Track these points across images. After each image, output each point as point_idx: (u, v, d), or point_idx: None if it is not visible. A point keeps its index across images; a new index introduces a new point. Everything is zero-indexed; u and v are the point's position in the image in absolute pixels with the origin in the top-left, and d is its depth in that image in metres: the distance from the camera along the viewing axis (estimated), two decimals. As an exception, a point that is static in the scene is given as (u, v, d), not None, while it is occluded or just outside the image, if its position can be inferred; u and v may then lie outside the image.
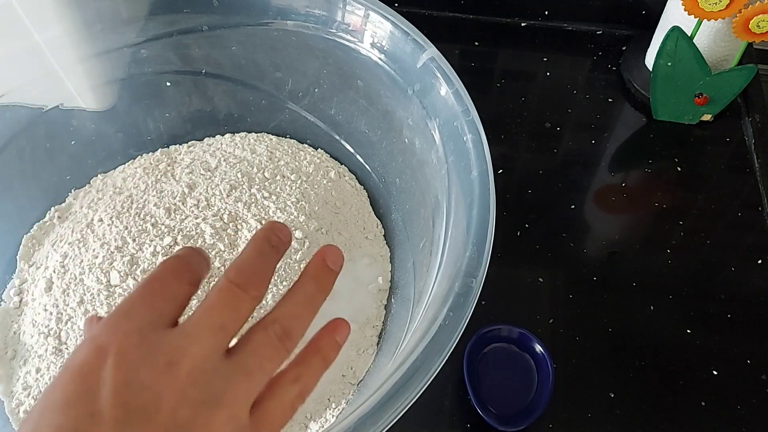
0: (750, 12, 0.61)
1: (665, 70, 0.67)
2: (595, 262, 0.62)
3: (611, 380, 0.56)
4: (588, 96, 0.75)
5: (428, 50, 0.50)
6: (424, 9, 0.81)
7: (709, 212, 0.67)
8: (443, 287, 0.41)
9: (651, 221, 0.66)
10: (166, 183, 0.62)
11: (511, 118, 0.73)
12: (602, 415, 0.54)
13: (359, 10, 0.53)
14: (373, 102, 0.58)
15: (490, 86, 0.76)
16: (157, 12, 0.59)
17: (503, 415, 0.52)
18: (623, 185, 0.68)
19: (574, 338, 0.58)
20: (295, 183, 0.62)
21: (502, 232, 0.61)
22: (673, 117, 0.72)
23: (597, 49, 0.79)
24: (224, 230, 0.58)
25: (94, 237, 0.58)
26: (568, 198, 0.67)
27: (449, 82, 0.48)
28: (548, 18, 0.80)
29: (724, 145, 0.71)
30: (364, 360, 0.53)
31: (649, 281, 0.61)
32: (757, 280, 0.62)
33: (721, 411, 0.54)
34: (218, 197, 0.60)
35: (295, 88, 0.63)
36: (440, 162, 0.48)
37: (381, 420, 0.35)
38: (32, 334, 0.54)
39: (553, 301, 0.60)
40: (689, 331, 0.59)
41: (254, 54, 0.62)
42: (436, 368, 0.37)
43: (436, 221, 0.49)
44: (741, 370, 0.56)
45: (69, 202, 0.63)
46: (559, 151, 0.70)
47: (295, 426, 0.50)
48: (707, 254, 0.64)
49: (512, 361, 0.55)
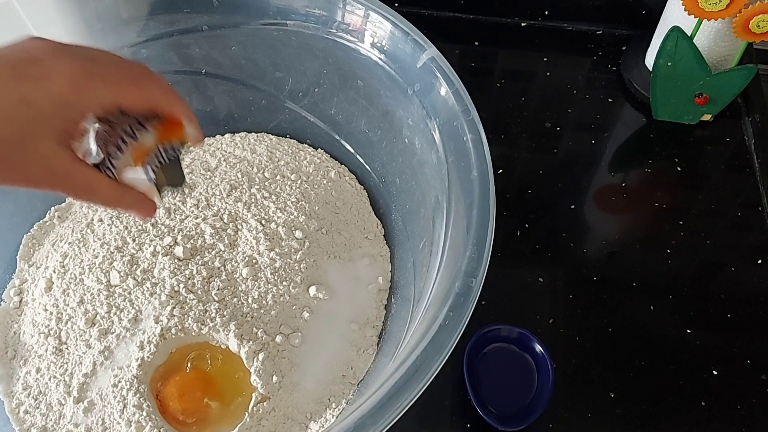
0: (750, 12, 0.61)
1: (665, 70, 0.67)
2: (595, 262, 0.62)
3: (611, 380, 0.56)
4: (588, 96, 0.75)
5: (428, 50, 0.50)
6: (424, 9, 0.81)
7: (709, 212, 0.67)
8: (443, 287, 0.41)
9: (651, 221, 0.66)
10: (166, 183, 0.62)
11: (511, 118, 0.73)
12: (602, 415, 0.54)
13: (359, 10, 0.53)
14: (373, 102, 0.58)
15: (490, 86, 0.76)
16: (157, 12, 0.59)
17: (503, 415, 0.52)
18: (623, 185, 0.68)
19: (574, 338, 0.58)
20: (295, 183, 0.62)
21: (502, 232, 0.61)
22: (673, 117, 0.72)
23: (597, 49, 0.79)
24: (224, 230, 0.58)
25: (94, 237, 0.58)
26: (568, 198, 0.67)
27: (449, 82, 0.48)
28: (548, 18, 0.80)
29: (724, 145, 0.71)
30: (364, 360, 0.53)
31: (649, 281, 0.61)
32: (757, 280, 0.62)
33: (721, 411, 0.54)
34: (218, 197, 0.60)
35: (295, 88, 0.63)
36: (440, 162, 0.48)
37: (381, 420, 0.35)
38: (32, 334, 0.54)
39: (553, 301, 0.60)
40: (689, 331, 0.59)
41: (254, 54, 0.62)
42: (436, 368, 0.37)
43: (436, 221, 0.49)
44: (741, 370, 0.56)
45: (69, 202, 0.63)
46: (559, 151, 0.70)
47: (295, 426, 0.50)
48: (707, 254, 0.64)
49: (512, 361, 0.55)
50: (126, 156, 0.36)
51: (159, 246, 0.56)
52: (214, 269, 0.55)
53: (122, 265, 0.55)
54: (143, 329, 0.52)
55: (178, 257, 0.56)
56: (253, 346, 0.51)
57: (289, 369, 0.51)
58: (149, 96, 0.34)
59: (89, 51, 0.32)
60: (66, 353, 0.52)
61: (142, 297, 0.54)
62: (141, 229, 0.58)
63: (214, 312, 0.53)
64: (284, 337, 0.52)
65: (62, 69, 0.30)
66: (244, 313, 0.53)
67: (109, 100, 0.32)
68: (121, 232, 0.58)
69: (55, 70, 0.30)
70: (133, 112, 0.35)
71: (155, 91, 0.34)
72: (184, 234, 0.57)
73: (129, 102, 0.34)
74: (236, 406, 0.51)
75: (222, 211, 0.59)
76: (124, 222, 0.59)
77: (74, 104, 0.31)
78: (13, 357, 0.54)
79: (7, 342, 0.55)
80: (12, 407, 0.52)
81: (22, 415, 0.51)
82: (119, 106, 0.33)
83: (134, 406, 0.49)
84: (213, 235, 0.57)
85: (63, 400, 0.51)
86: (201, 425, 0.50)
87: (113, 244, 0.57)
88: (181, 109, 0.36)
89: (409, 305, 0.52)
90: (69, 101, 0.30)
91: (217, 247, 0.56)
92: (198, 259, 0.56)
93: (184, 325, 0.52)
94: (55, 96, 0.30)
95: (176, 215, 0.59)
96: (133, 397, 0.49)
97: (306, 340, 0.53)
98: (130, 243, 0.57)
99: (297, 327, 0.53)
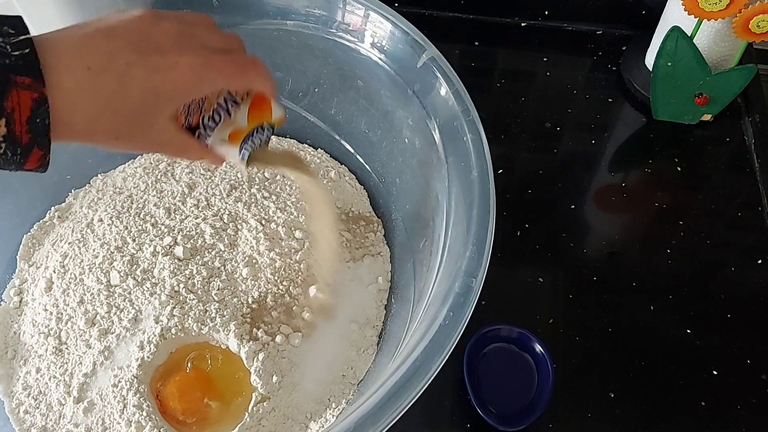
0: (750, 12, 0.61)
1: (665, 70, 0.67)
2: (595, 262, 0.62)
3: (611, 380, 0.56)
4: (588, 96, 0.75)
5: (428, 50, 0.50)
6: (424, 9, 0.81)
7: (709, 212, 0.67)
8: (443, 287, 0.41)
9: (651, 221, 0.66)
10: (166, 183, 0.62)
11: (511, 118, 0.73)
12: (602, 415, 0.54)
13: (359, 10, 0.53)
14: (373, 102, 0.58)
15: (490, 86, 0.76)
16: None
17: (503, 415, 0.52)
18: (623, 185, 0.68)
19: (574, 338, 0.58)
20: (295, 183, 0.62)
21: (502, 232, 0.61)
22: (673, 117, 0.72)
23: (597, 49, 0.79)
24: (224, 230, 0.58)
25: (94, 237, 0.58)
26: (568, 198, 0.67)
27: (449, 82, 0.48)
28: (548, 18, 0.80)
29: (724, 145, 0.71)
30: (364, 360, 0.53)
31: (649, 281, 0.61)
32: (757, 280, 0.62)
33: (721, 411, 0.54)
34: (218, 197, 0.60)
35: (295, 88, 0.63)
36: (440, 162, 0.48)
37: (381, 420, 0.35)
38: (32, 334, 0.54)
39: (553, 301, 0.60)
40: (689, 331, 0.59)
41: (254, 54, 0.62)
42: (436, 368, 0.37)
43: (436, 221, 0.49)
44: (741, 370, 0.56)
45: (69, 202, 0.63)
46: (559, 151, 0.70)
47: (295, 426, 0.50)
48: (707, 254, 0.64)
49: (512, 361, 0.55)
50: (221, 130, 0.40)
51: (159, 246, 0.56)
52: (214, 269, 0.55)
53: (122, 265, 0.55)
54: (143, 329, 0.52)
55: (178, 257, 0.56)
56: (253, 346, 0.51)
57: (289, 369, 0.51)
58: (251, 82, 0.40)
59: (202, 36, 0.37)
60: (66, 353, 0.52)
61: (142, 297, 0.54)
62: (141, 229, 0.58)
63: (214, 312, 0.53)
64: (284, 337, 0.52)
65: (186, 62, 0.35)
66: (244, 313, 0.53)
67: (220, 87, 0.39)
68: (121, 232, 0.58)
69: (179, 63, 0.34)
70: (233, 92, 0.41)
71: (256, 78, 0.39)
72: (184, 234, 0.57)
73: (234, 87, 0.40)
74: (236, 406, 0.51)
75: (222, 211, 0.59)
76: (124, 222, 0.59)
77: (192, 91, 0.36)
78: (13, 357, 0.54)
79: (7, 342, 0.55)
80: (12, 407, 0.52)
81: (22, 415, 0.51)
82: (226, 90, 0.40)
83: (134, 406, 0.49)
84: (213, 235, 0.57)
85: (63, 400, 0.51)
86: (201, 425, 0.50)
87: (113, 244, 0.57)
88: (271, 92, 0.41)
89: (409, 305, 0.52)
90: (188, 90, 0.36)
91: (217, 247, 0.56)
92: (198, 259, 0.56)
93: (184, 325, 0.52)
94: (178, 85, 0.35)
95: (176, 215, 0.59)
96: (133, 397, 0.49)
97: (306, 340, 0.53)
98: (130, 243, 0.57)
99: (297, 327, 0.53)
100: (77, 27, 0.33)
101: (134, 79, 0.33)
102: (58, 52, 0.31)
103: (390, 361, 0.47)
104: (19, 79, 0.30)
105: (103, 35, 0.33)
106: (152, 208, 0.60)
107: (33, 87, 0.30)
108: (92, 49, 0.32)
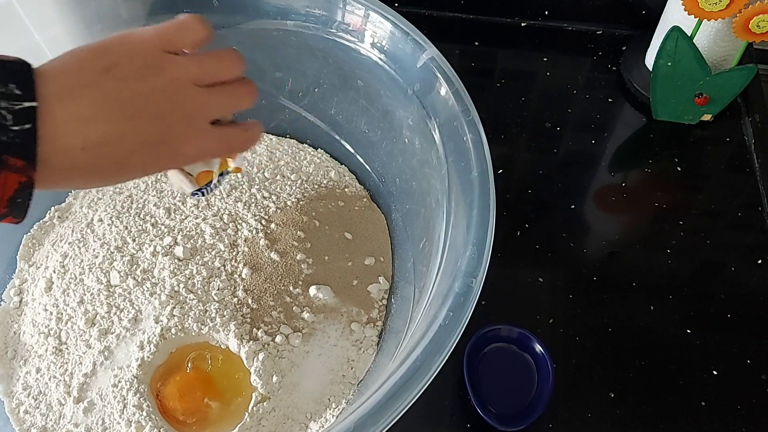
0: (750, 12, 0.61)
1: (665, 70, 0.67)
2: (595, 262, 0.62)
3: (611, 380, 0.56)
4: (588, 96, 0.75)
5: (428, 50, 0.50)
6: (424, 9, 0.81)
7: (709, 212, 0.67)
8: (443, 287, 0.41)
9: (651, 221, 0.66)
10: (166, 183, 0.62)
11: (511, 118, 0.73)
12: (602, 415, 0.54)
13: (359, 10, 0.53)
14: (373, 102, 0.58)
15: (490, 86, 0.76)
16: (157, 12, 0.59)
17: (503, 415, 0.52)
18: (623, 185, 0.68)
19: (574, 338, 0.58)
20: (295, 183, 0.62)
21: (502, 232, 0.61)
22: (673, 117, 0.72)
23: (597, 49, 0.79)
24: (224, 230, 0.58)
25: (94, 237, 0.58)
26: (568, 198, 0.67)
27: (449, 82, 0.48)
28: (548, 18, 0.80)
29: (724, 145, 0.71)
30: (364, 360, 0.53)
31: (649, 281, 0.61)
32: (757, 280, 0.62)
33: (721, 411, 0.54)
34: (218, 197, 0.60)
35: (295, 88, 0.63)
36: (440, 162, 0.48)
37: (381, 420, 0.35)
38: (32, 334, 0.54)
39: (553, 301, 0.60)
40: (689, 331, 0.59)
41: (254, 54, 0.62)
42: (436, 368, 0.37)
43: (436, 221, 0.49)
44: (741, 370, 0.56)
45: (69, 202, 0.63)
46: (559, 151, 0.70)
47: (295, 426, 0.50)
48: (707, 254, 0.64)
49: (512, 361, 0.55)
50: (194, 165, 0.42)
51: (159, 246, 0.56)
52: (214, 269, 0.55)
53: (122, 265, 0.56)
54: (143, 329, 0.52)
55: (178, 257, 0.56)
56: (253, 346, 0.51)
57: (289, 369, 0.51)
58: (236, 149, 0.41)
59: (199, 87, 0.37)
60: (66, 353, 0.52)
61: (142, 297, 0.54)
62: (141, 229, 0.58)
63: (214, 312, 0.53)
64: (284, 337, 0.52)
65: (187, 152, 0.36)
66: (244, 313, 0.53)
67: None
68: (121, 232, 0.58)
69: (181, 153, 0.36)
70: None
71: (241, 146, 0.41)
72: (184, 234, 0.57)
73: (225, 155, 0.43)
74: (236, 406, 0.51)
75: (222, 211, 0.59)
76: (124, 222, 0.59)
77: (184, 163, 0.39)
78: (13, 357, 0.54)
79: (7, 342, 0.55)
80: (12, 407, 0.52)
81: (22, 415, 0.51)
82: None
83: (134, 406, 0.49)
84: (213, 235, 0.57)
85: (63, 400, 0.51)
86: (201, 425, 0.50)
87: (113, 244, 0.57)
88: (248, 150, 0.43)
89: (409, 305, 0.52)
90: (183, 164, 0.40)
91: (217, 247, 0.56)
92: (198, 259, 0.56)
93: (184, 325, 0.52)
94: (174, 165, 0.39)
95: (176, 215, 0.59)
96: (133, 397, 0.49)
97: (306, 340, 0.53)
98: (130, 243, 0.57)
99: (297, 327, 0.53)
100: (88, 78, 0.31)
101: (134, 166, 0.34)
102: (58, 121, 0.30)
103: (390, 361, 0.47)
104: (12, 160, 0.28)
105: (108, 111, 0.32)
106: (152, 208, 0.60)
107: (23, 170, 0.29)
108: (93, 127, 0.31)
